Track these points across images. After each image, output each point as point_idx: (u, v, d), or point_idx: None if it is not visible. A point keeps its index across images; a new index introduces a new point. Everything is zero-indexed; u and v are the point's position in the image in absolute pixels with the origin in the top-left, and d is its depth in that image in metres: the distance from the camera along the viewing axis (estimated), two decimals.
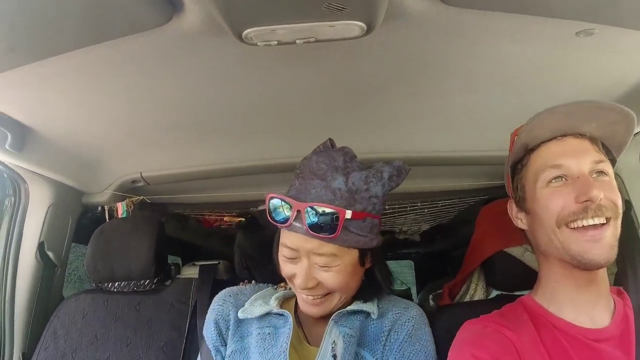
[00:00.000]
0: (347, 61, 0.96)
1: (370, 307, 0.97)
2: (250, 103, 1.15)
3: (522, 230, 1.03)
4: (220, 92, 1.08)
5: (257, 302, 1.02)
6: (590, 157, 0.85)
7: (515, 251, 1.15)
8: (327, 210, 0.84)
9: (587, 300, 0.87)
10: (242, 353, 0.98)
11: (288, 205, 0.87)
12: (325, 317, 0.96)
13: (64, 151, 1.34)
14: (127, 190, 1.55)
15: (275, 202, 0.89)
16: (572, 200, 0.81)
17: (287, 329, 0.95)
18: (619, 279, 0.95)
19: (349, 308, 0.96)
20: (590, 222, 0.80)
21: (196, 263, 1.49)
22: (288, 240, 0.90)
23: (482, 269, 1.26)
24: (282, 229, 0.92)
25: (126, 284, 1.41)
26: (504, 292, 1.21)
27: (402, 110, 1.25)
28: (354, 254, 0.90)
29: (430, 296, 1.35)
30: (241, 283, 1.16)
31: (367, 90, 1.12)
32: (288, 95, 1.12)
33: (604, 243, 0.81)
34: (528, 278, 1.13)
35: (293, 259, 0.91)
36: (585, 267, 0.82)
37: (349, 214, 0.84)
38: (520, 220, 0.94)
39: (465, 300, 1.25)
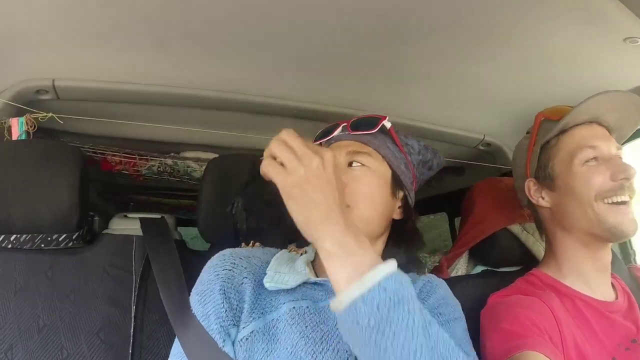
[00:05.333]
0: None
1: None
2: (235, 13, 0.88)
3: (521, 208, 1.07)
4: None
5: (283, 269, 0.78)
6: (613, 142, 0.95)
7: (515, 229, 1.16)
8: (370, 116, 0.88)
9: (599, 275, 0.95)
10: (266, 334, 0.72)
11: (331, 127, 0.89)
12: None
13: None
14: (26, 102, 1.04)
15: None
16: (608, 178, 0.89)
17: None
18: None
19: None
20: (625, 198, 0.89)
21: (129, 215, 1.09)
22: None
23: None
24: None
25: (29, 239, 0.94)
26: (489, 268, 1.22)
27: (416, 71, 1.13)
28: (386, 172, 0.85)
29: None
30: (244, 244, 0.87)
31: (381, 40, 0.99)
32: (294, 16, 0.89)
33: (632, 217, 0.90)
34: (520, 256, 1.18)
35: None
36: (617, 238, 0.92)
37: (388, 123, 0.87)
38: (541, 198, 0.99)
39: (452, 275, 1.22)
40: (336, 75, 1.16)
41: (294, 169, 0.59)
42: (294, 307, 0.73)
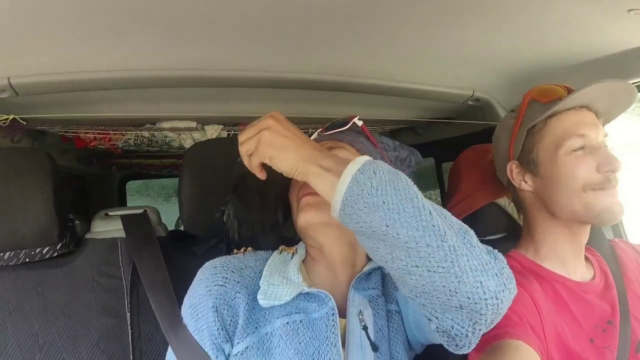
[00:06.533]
0: None
1: None
2: None
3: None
4: None
5: (275, 279, 0.78)
6: (601, 130, 0.92)
7: (501, 202, 1.16)
8: (341, 118, 0.91)
9: (577, 257, 0.96)
10: (260, 348, 0.74)
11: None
12: (342, 281, 0.82)
13: None
14: None
15: None
16: (593, 168, 0.88)
17: (324, 312, 0.75)
18: None
19: (365, 269, 0.82)
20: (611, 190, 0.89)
21: (110, 213, 1.06)
22: None
23: None
24: None
25: (13, 255, 0.92)
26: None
27: (404, 35, 1.04)
28: None
29: None
30: (236, 250, 0.86)
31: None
32: None
33: (619, 202, 0.89)
34: (505, 225, 1.21)
35: None
36: (605, 222, 0.90)
37: (359, 122, 0.89)
38: (524, 182, 0.97)
39: None
40: (316, 43, 1.07)
41: (256, 127, 0.67)
42: (287, 323, 0.74)
